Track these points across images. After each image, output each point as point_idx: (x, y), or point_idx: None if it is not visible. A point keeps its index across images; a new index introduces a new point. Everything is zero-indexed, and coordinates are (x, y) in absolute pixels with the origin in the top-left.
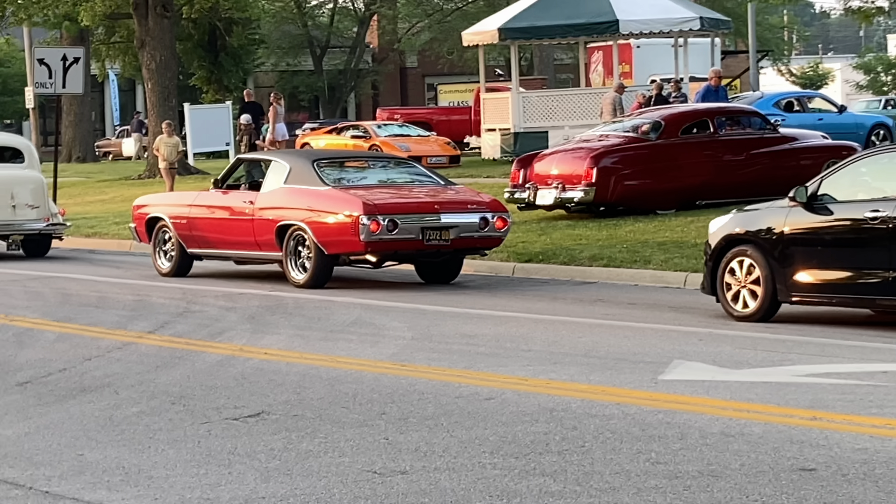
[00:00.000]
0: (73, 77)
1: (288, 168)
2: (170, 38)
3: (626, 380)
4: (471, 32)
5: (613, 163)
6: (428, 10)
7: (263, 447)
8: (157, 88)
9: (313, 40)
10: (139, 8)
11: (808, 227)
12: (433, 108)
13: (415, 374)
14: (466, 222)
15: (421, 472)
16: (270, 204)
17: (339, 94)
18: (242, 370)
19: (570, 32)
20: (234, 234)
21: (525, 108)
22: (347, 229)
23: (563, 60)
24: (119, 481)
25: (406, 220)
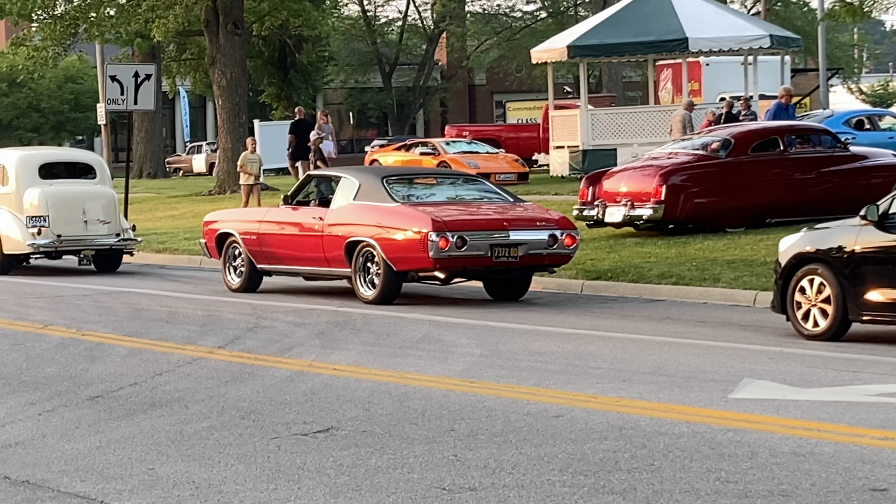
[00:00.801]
0: (145, 94)
1: (357, 184)
2: (240, 55)
3: (695, 398)
4: (540, 50)
5: (682, 180)
6: (496, 28)
7: (332, 463)
8: (228, 105)
9: (382, 57)
10: (210, 25)
11: (880, 245)
12: (501, 125)
13: (483, 390)
14: (535, 239)
15: (490, 489)
16: (340, 220)
17: (408, 110)
18: (311, 386)
19: (639, 50)
20: (304, 250)
21: (594, 126)
22: (416, 246)
23: (631, 78)
24: (189, 496)
25: (475, 237)
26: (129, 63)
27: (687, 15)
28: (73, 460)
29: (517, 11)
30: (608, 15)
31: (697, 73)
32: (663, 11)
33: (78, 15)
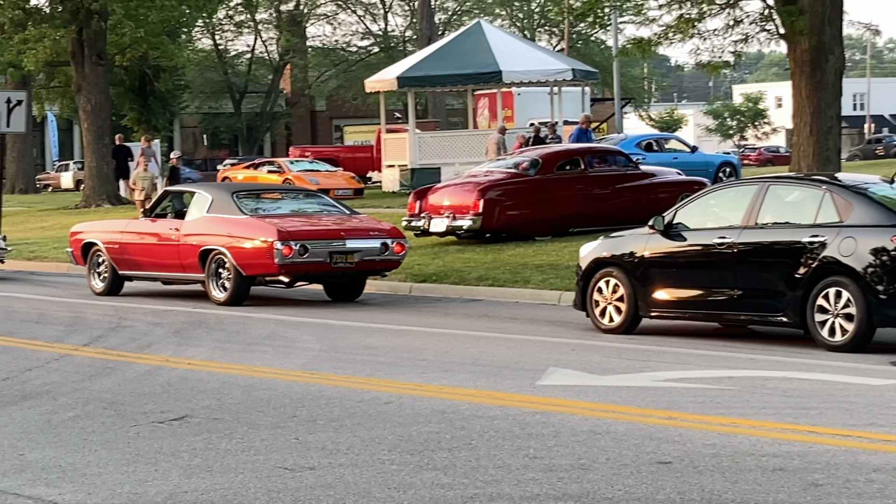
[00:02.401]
0: (17, 117)
1: (210, 199)
2: (104, 83)
3: (508, 385)
4: (373, 80)
5: (497, 195)
6: (335, 61)
7: (186, 447)
8: (93, 128)
9: (233, 86)
10: (76, 56)
11: (665, 251)
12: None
13: (323, 381)
14: (369, 247)
15: (327, 468)
16: (194, 231)
17: (256, 133)
18: (168, 379)
19: (459, 81)
20: (162, 257)
21: (420, 147)
22: (263, 253)
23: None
24: (56, 478)
25: (315, 245)
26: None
27: (501, 51)
28: None
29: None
30: (432, 50)
31: (510, 102)
32: (480, 48)
33: None
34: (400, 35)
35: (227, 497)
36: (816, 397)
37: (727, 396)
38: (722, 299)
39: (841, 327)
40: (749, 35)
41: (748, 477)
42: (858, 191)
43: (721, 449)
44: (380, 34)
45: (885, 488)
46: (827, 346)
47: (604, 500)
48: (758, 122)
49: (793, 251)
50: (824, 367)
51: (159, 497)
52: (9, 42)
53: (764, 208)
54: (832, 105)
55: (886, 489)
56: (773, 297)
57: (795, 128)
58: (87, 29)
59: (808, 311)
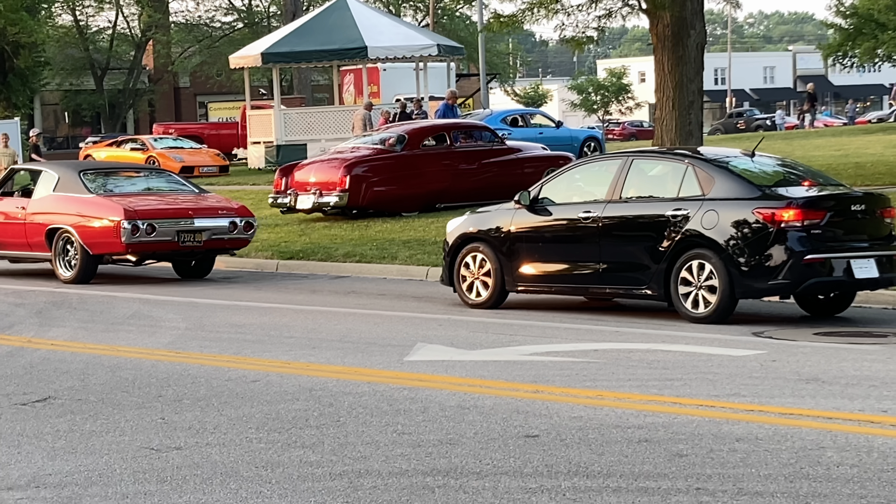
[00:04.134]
0: None
1: (56, 177)
2: None
3: (376, 361)
4: (237, 56)
5: (364, 171)
6: (198, 37)
7: (50, 429)
8: None
9: (94, 62)
10: None
11: (531, 226)
12: (204, 123)
13: (188, 360)
14: (217, 226)
15: (194, 448)
16: (41, 209)
17: (119, 110)
18: (31, 360)
19: (325, 57)
20: (8, 235)
21: (286, 124)
22: (110, 232)
23: (319, 81)
24: None
25: (163, 224)
26: None
27: (366, 26)
28: None
29: (217, 22)
30: (297, 26)
31: (376, 78)
32: (345, 23)
33: None
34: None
35: (92, 478)
36: (680, 369)
37: (593, 369)
38: (587, 273)
39: (704, 299)
40: (612, 10)
41: (614, 449)
42: (720, 164)
43: (587, 421)
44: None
45: (748, 457)
46: (690, 318)
47: (472, 475)
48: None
49: (656, 225)
50: (688, 339)
51: (22, 480)
52: None
53: (628, 182)
54: (694, 80)
55: (749, 458)
56: (637, 270)
57: (658, 102)
58: None
59: (672, 283)
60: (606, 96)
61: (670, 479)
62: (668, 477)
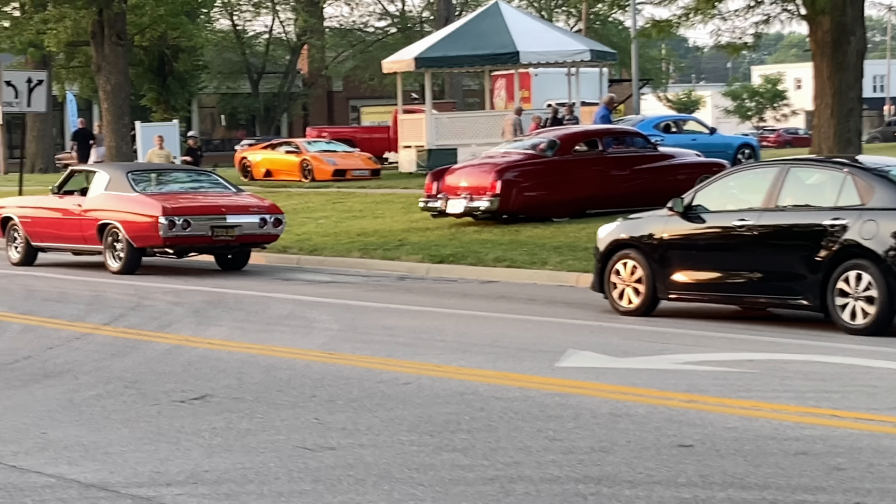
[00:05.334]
0: (38, 97)
1: (108, 178)
2: (123, 63)
3: (527, 367)
4: (390, 61)
5: (515, 176)
6: (352, 42)
7: (207, 426)
8: (112, 108)
9: (251, 66)
10: (96, 36)
11: (684, 233)
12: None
13: (341, 361)
14: (248, 222)
15: (347, 448)
16: (93, 206)
17: (274, 114)
18: (188, 358)
19: (476, 62)
20: (67, 230)
21: (437, 128)
22: (150, 227)
23: (470, 86)
24: (79, 457)
25: (198, 220)
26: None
27: (518, 31)
28: None
29: (370, 27)
30: (450, 31)
31: (527, 83)
32: (497, 28)
33: None
34: (417, 15)
35: (248, 476)
36: (838, 381)
37: (748, 379)
38: (741, 282)
39: (862, 310)
40: (770, 16)
41: (770, 461)
42: (880, 173)
43: (743, 432)
44: (397, 14)
45: None
46: (847, 329)
47: (625, 483)
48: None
49: (813, 234)
50: (845, 351)
51: (181, 476)
52: (29, 22)
53: (784, 191)
54: (853, 87)
55: None
56: (793, 279)
57: (816, 109)
58: (108, 9)
59: (829, 294)
60: (761, 103)
61: (828, 492)
62: (825, 490)
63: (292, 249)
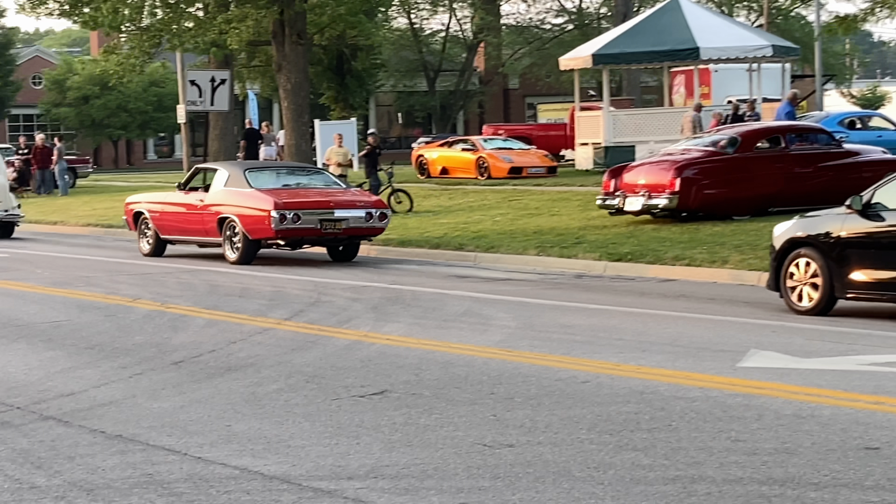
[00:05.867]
0: (220, 96)
1: (227, 175)
2: (303, 62)
3: (707, 366)
4: (567, 58)
5: (694, 174)
6: (529, 39)
7: (387, 421)
8: (292, 107)
9: (427, 65)
10: (277, 36)
11: (863, 231)
12: (533, 124)
13: (519, 359)
14: (354, 216)
15: (526, 446)
16: (214, 201)
17: (450, 111)
18: (367, 353)
19: (655, 58)
20: (191, 224)
21: (615, 125)
22: (263, 220)
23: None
24: (262, 449)
25: (307, 214)
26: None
27: (698, 27)
28: (160, 417)
29: (547, 24)
30: (628, 27)
31: (707, 79)
32: (677, 24)
33: (161, 27)
34: (594, 12)
35: (428, 471)
36: None
37: None
38: None
39: None
40: None
41: None
42: None
43: None
44: (574, 11)
45: None
46: None
47: (809, 486)
48: None
49: None
50: None
51: (361, 470)
52: (212, 22)
53: None
54: None
55: None
56: None
57: None
58: (289, 9)
59: None
60: None
61: None
62: None
63: (469, 247)
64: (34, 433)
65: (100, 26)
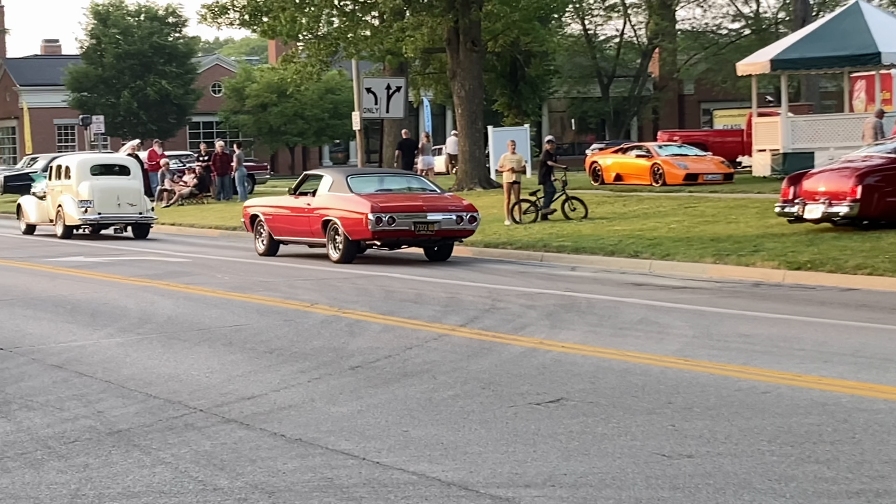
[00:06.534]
0: (395, 103)
1: (332, 181)
2: (477, 69)
3: (892, 378)
4: (744, 63)
5: (877, 181)
6: (704, 44)
7: (563, 429)
8: (466, 113)
9: (601, 70)
10: (452, 43)
11: None
12: (708, 130)
13: (697, 368)
14: (446, 219)
15: (705, 457)
16: (319, 205)
17: (624, 118)
18: (543, 361)
19: (835, 63)
20: (300, 226)
21: (793, 131)
22: (361, 223)
23: (827, 88)
24: (438, 455)
25: (402, 217)
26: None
27: (880, 32)
28: (338, 422)
29: (723, 29)
30: (807, 32)
31: (889, 84)
32: (858, 28)
33: (338, 35)
34: (772, 17)
35: (606, 481)
36: None
37: None
38: None
39: None
40: None
41: None
42: None
43: None
44: (751, 16)
45: None
46: None
47: None
48: None
49: None
50: None
51: (539, 478)
52: (388, 30)
53: None
54: None
55: None
56: None
57: None
58: (464, 17)
59: None
60: None
61: None
62: None
63: (644, 254)
64: (217, 435)
65: (278, 35)
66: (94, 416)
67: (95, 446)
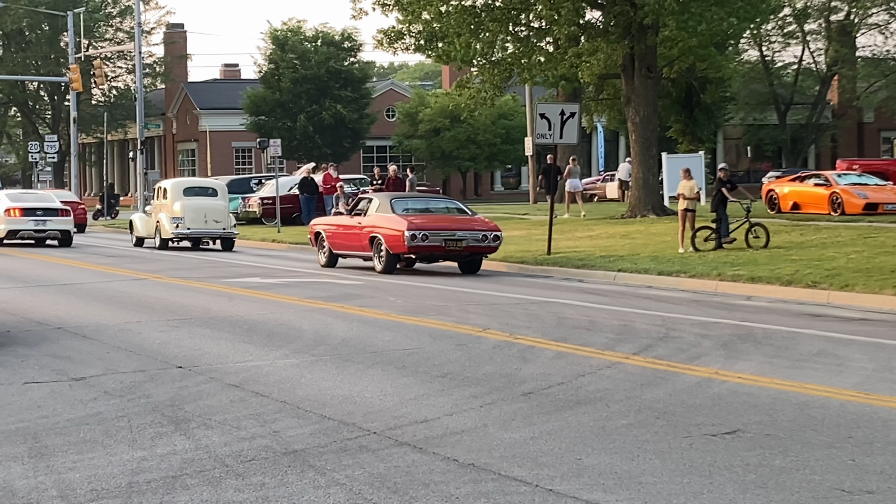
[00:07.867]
0: (569, 129)
1: (378, 203)
2: (652, 95)
3: None
4: None
5: None
6: (885, 71)
7: (740, 462)
8: (640, 139)
9: (778, 97)
10: (627, 69)
11: None
12: (889, 159)
13: (878, 402)
14: (472, 236)
15: (887, 493)
16: (368, 224)
17: (801, 145)
18: (718, 391)
19: None
20: (353, 241)
21: None
22: (399, 239)
23: None
24: (612, 484)
25: (434, 234)
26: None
27: None
28: (511, 448)
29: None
30: None
31: None
32: None
33: (512, 61)
34: None
35: None
36: None
37: None
38: None
39: None
40: None
41: None
42: None
43: None
44: None
45: None
46: None
47: None
48: None
49: None
50: None
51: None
52: (563, 56)
53: None
54: None
55: None
56: None
57: None
58: (640, 43)
59: None
60: None
61: None
62: None
63: (821, 285)
64: (390, 458)
65: (452, 60)
66: (270, 435)
67: (272, 466)
